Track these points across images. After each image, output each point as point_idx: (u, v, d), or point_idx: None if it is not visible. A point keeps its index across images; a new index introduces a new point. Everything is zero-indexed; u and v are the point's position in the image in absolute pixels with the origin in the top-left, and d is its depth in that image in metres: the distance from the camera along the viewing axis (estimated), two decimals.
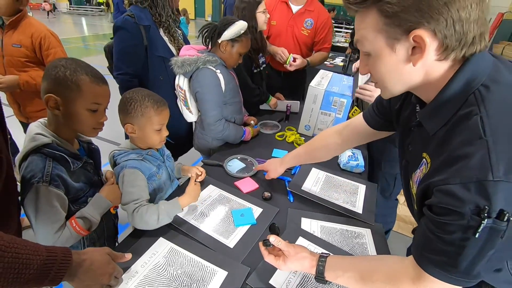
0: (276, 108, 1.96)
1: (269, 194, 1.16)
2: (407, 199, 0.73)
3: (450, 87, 0.53)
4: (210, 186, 1.20)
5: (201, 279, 0.81)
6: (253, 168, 1.33)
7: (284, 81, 2.18)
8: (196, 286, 0.79)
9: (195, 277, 0.82)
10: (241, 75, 1.69)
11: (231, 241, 0.95)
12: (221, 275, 0.83)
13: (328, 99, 1.54)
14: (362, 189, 1.26)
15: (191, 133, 1.72)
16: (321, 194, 1.20)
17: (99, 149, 1.02)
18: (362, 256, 0.91)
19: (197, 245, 0.92)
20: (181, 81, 1.44)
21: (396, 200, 1.74)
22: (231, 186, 1.21)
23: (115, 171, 1.00)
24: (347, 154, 1.41)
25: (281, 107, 1.97)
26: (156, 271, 0.82)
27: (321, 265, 0.72)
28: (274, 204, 1.13)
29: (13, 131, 1.29)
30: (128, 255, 0.79)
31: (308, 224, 1.04)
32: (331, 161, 1.44)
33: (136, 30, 1.43)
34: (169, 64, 1.40)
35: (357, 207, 1.15)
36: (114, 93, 1.03)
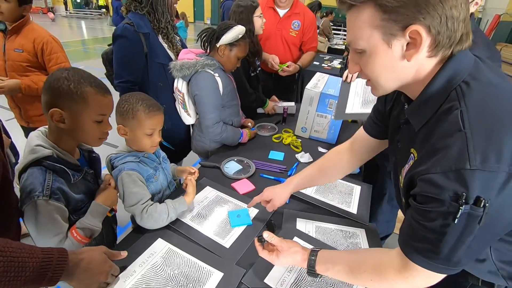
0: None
1: None
2: (397, 197, 0.76)
3: (434, 83, 0.55)
4: (207, 188, 1.21)
5: (197, 279, 0.83)
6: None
7: (275, 83, 2.23)
8: (192, 286, 0.81)
9: (191, 277, 0.83)
10: (240, 79, 1.71)
11: (227, 241, 0.96)
12: (217, 276, 0.84)
13: (324, 101, 1.56)
14: (357, 190, 1.28)
15: (189, 135, 1.74)
16: (316, 195, 1.22)
17: (99, 157, 1.01)
18: (352, 250, 0.93)
19: (194, 246, 0.94)
20: (180, 84, 1.46)
21: None
22: (228, 188, 1.23)
23: (112, 174, 1.00)
24: None
25: (278, 110, 1.99)
26: (153, 271, 0.84)
27: (312, 259, 0.74)
28: None
29: (13, 134, 1.31)
30: (124, 253, 0.80)
31: (304, 225, 1.06)
32: None
33: (136, 38, 1.43)
34: (168, 68, 1.41)
35: (352, 207, 1.16)
36: (114, 96, 1.05)
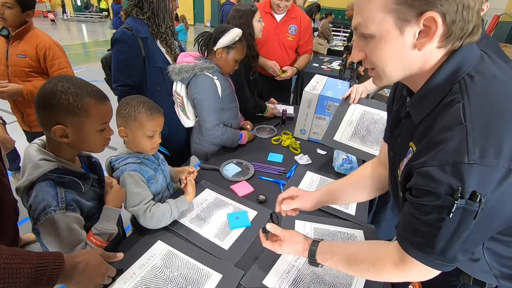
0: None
1: (264, 197, 1.19)
2: (393, 194, 0.74)
3: (438, 75, 0.54)
4: (206, 190, 1.22)
5: (196, 281, 0.84)
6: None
7: (272, 85, 2.27)
8: None
9: (190, 279, 0.84)
10: (240, 83, 1.73)
11: (226, 243, 0.97)
12: (215, 277, 0.85)
13: (323, 103, 1.57)
14: None
15: (189, 140, 1.75)
16: None
17: (99, 162, 1.01)
18: (353, 241, 0.94)
19: (194, 248, 0.95)
20: (179, 88, 1.47)
21: None
22: (227, 190, 1.24)
23: (114, 176, 1.02)
24: (341, 157, 1.43)
25: (276, 113, 2.01)
26: (153, 272, 0.85)
27: (313, 249, 0.75)
28: (269, 207, 1.15)
29: (15, 137, 1.32)
30: (120, 255, 0.81)
31: (302, 226, 1.06)
32: (325, 164, 1.48)
33: (134, 42, 1.45)
34: (166, 72, 1.43)
35: (350, 209, 1.17)
36: (113, 99, 1.06)
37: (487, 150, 0.45)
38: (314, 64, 3.73)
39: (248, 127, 1.72)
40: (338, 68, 3.66)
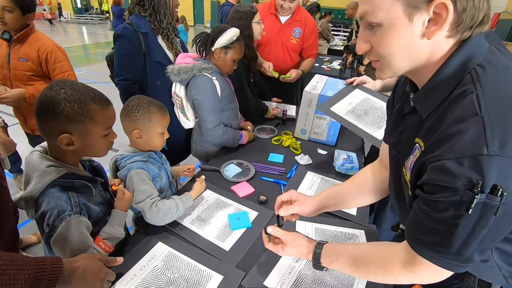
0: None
1: (264, 198, 1.19)
2: (396, 194, 0.73)
3: (447, 66, 0.52)
4: (207, 191, 1.22)
5: (197, 282, 0.83)
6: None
7: (274, 86, 2.25)
8: None
9: (191, 280, 0.84)
10: (241, 83, 1.73)
11: (227, 244, 0.97)
12: (216, 279, 0.85)
13: (323, 103, 1.56)
14: None
15: (188, 139, 1.76)
16: None
17: (102, 166, 1.00)
18: (358, 243, 0.91)
19: (194, 249, 0.94)
20: (178, 89, 1.47)
21: None
22: (228, 191, 1.24)
23: (120, 175, 1.02)
24: (342, 157, 1.43)
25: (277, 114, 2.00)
26: (154, 274, 0.85)
27: (318, 252, 0.73)
28: (269, 208, 1.15)
29: (17, 140, 1.33)
30: (120, 259, 0.81)
31: (303, 227, 1.06)
32: (326, 164, 1.48)
33: (135, 37, 1.50)
34: (166, 69, 1.44)
35: (351, 209, 1.17)
36: (116, 99, 1.06)
37: (507, 140, 0.43)
38: (314, 64, 3.72)
39: (249, 128, 1.71)
40: (339, 67, 3.66)
